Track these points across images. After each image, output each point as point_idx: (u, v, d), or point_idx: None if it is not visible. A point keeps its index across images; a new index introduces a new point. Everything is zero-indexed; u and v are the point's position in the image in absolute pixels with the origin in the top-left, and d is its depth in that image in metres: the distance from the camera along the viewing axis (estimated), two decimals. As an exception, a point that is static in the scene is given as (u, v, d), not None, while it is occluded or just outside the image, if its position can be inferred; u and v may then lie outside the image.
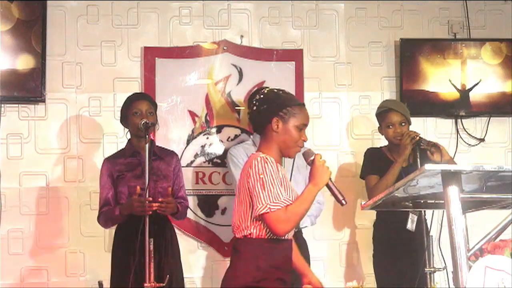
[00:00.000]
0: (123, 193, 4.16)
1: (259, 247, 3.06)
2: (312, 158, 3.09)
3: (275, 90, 3.21)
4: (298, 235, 4.30)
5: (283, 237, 3.08)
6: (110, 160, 4.27)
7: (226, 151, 4.71)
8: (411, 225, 4.31)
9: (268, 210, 2.98)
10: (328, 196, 4.92)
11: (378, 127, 4.55)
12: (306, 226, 4.37)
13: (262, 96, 3.15)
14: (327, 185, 3.07)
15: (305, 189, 3.07)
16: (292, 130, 3.11)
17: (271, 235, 3.05)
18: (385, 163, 4.41)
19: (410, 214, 4.30)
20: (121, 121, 4.34)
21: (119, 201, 4.16)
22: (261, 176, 3.00)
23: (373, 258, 4.57)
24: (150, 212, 3.90)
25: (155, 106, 4.30)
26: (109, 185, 4.20)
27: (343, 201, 3.07)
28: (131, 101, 4.25)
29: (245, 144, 4.44)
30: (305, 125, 3.15)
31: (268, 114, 3.11)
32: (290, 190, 3.09)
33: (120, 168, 4.20)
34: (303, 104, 3.21)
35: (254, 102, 3.15)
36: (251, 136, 4.59)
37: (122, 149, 4.35)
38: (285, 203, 3.00)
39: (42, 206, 4.79)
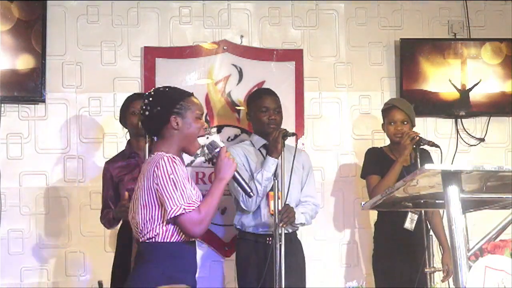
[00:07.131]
0: (122, 196, 4.15)
1: (165, 251, 2.95)
2: (217, 150, 3.05)
3: (161, 89, 3.15)
4: (293, 236, 4.25)
5: (191, 239, 3.01)
6: (109, 164, 4.30)
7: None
8: (409, 224, 4.31)
9: (184, 211, 2.89)
10: (328, 197, 4.95)
11: (382, 124, 4.55)
12: (301, 223, 4.24)
13: (150, 99, 3.06)
14: (234, 178, 3.06)
15: (212, 184, 3.02)
16: (192, 123, 3.07)
17: (180, 237, 2.96)
18: (386, 163, 4.40)
19: (409, 213, 4.30)
20: (120, 121, 4.34)
21: (119, 204, 4.18)
22: (171, 176, 2.91)
23: (373, 257, 4.57)
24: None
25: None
26: (108, 188, 4.22)
27: (251, 193, 3.11)
28: (130, 100, 4.25)
29: (243, 144, 4.42)
30: (202, 113, 3.13)
31: (164, 115, 3.04)
32: (197, 190, 3.04)
33: (119, 171, 4.22)
34: (192, 94, 3.18)
35: (145, 107, 3.06)
36: (249, 137, 4.58)
37: (122, 151, 4.35)
38: (197, 203, 2.94)
39: (42, 206, 4.79)
